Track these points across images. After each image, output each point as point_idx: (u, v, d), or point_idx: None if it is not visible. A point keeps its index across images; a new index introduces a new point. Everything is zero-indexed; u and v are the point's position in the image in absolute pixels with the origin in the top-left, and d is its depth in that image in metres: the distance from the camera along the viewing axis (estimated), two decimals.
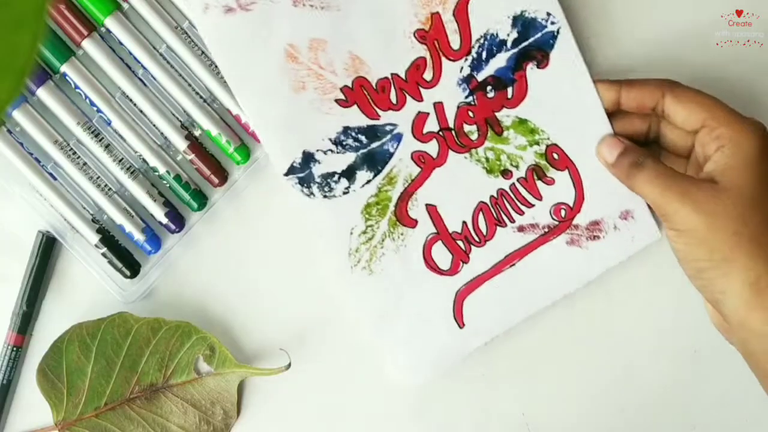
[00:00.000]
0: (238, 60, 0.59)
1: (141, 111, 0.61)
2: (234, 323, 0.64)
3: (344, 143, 0.60)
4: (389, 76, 0.60)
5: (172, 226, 0.62)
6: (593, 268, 0.62)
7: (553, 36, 0.60)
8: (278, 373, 0.61)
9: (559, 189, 0.61)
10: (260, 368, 0.62)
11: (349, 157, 0.61)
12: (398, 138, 0.60)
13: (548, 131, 0.61)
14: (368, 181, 0.61)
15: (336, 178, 0.61)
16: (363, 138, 0.60)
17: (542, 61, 0.60)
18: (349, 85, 0.60)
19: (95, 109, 0.61)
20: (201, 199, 0.62)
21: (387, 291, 0.62)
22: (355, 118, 0.60)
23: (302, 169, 0.60)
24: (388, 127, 0.60)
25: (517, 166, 0.61)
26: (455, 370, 0.63)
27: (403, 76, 0.60)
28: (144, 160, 0.61)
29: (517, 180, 0.61)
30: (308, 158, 0.60)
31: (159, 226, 0.62)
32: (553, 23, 0.60)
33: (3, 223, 0.62)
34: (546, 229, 0.62)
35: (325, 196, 0.61)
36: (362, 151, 0.61)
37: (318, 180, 0.60)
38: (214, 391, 0.62)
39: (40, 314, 0.63)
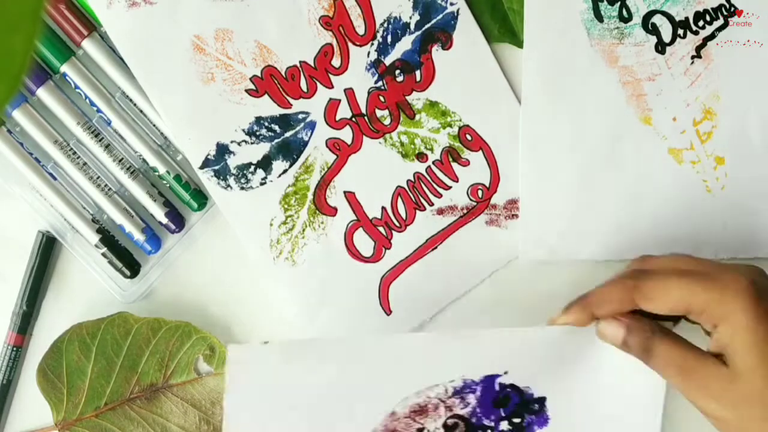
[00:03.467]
0: (144, 54, 0.59)
1: (141, 111, 0.61)
2: (234, 323, 0.64)
3: (258, 133, 0.61)
4: (298, 64, 0.60)
5: (172, 226, 0.62)
6: (514, 248, 0.63)
7: (454, 17, 0.61)
8: None
9: (474, 170, 0.62)
10: None
11: (264, 148, 0.61)
12: (311, 126, 0.61)
13: (459, 113, 0.62)
14: (285, 171, 0.61)
15: (252, 169, 0.61)
16: (276, 127, 0.61)
17: (446, 43, 0.61)
18: (259, 74, 0.60)
19: (95, 109, 0.61)
20: (201, 199, 0.62)
21: (311, 281, 0.62)
22: (267, 107, 0.61)
23: (217, 161, 0.61)
24: (300, 116, 0.61)
25: (431, 149, 0.62)
26: None
27: (311, 63, 0.61)
28: (144, 160, 0.61)
29: (433, 163, 0.62)
30: (222, 150, 0.61)
31: (159, 226, 0.62)
32: (452, 4, 0.61)
33: (3, 223, 0.62)
34: (465, 211, 0.62)
35: (242, 188, 0.61)
36: (276, 140, 0.61)
37: (234, 172, 0.61)
38: (214, 391, 0.62)
39: (40, 314, 0.63)
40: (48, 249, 0.62)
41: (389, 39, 0.61)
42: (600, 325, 0.55)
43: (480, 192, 0.62)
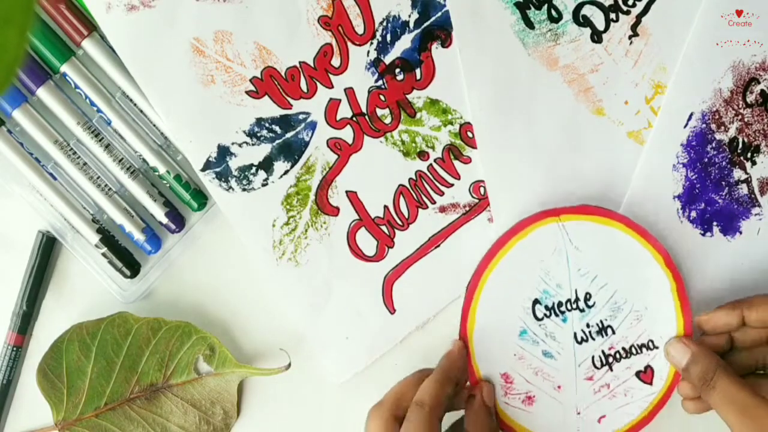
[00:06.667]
0: (144, 57, 0.59)
1: (141, 111, 0.61)
2: (234, 323, 0.64)
3: (258, 135, 0.61)
4: (298, 65, 0.60)
5: (172, 226, 0.62)
6: None
7: None
8: (278, 373, 0.61)
9: (476, 167, 0.62)
10: (260, 368, 0.62)
11: (265, 149, 0.61)
12: (312, 126, 0.61)
13: (460, 110, 0.62)
14: (286, 172, 0.61)
15: (253, 170, 0.61)
16: (277, 128, 0.61)
17: (446, 40, 0.61)
18: (259, 75, 0.60)
19: (95, 109, 0.61)
20: (201, 199, 0.62)
21: (315, 282, 0.62)
22: (268, 108, 0.61)
23: (219, 164, 0.61)
24: (301, 116, 0.61)
25: (433, 147, 0.62)
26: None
27: (311, 63, 0.61)
28: (144, 160, 0.61)
29: (435, 161, 0.62)
30: (224, 152, 0.61)
31: (159, 226, 0.62)
32: None
33: (3, 223, 0.63)
34: (467, 208, 0.62)
35: (244, 190, 0.61)
36: (277, 141, 0.61)
37: (235, 173, 0.61)
38: (214, 391, 0.62)
39: (40, 314, 0.63)
40: (48, 249, 0.62)
41: (389, 38, 0.61)
42: (667, 344, 0.58)
43: (482, 189, 0.62)
